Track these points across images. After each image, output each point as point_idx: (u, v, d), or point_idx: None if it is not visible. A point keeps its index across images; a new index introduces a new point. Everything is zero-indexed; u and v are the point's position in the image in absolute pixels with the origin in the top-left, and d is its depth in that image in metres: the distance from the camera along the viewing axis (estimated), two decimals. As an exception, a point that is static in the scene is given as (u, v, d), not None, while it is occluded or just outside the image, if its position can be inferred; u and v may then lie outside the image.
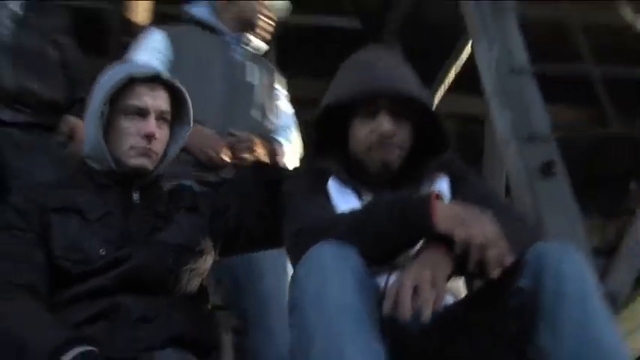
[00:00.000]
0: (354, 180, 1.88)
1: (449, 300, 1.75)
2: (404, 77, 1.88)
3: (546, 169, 2.12)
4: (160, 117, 1.99)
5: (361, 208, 1.75)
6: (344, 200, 1.86)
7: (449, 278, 1.58)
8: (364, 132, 1.85)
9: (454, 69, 3.61)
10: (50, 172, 2.40)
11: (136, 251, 1.85)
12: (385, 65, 1.88)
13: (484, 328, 1.63)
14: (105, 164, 1.95)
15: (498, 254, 1.53)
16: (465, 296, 1.78)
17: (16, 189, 2.25)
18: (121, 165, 1.95)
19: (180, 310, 1.85)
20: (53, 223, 1.87)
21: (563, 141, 2.20)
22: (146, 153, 1.96)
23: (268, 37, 2.76)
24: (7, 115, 2.51)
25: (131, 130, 1.95)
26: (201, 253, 1.98)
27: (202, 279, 2.01)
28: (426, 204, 1.61)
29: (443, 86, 4.55)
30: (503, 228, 1.63)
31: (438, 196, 1.65)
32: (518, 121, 2.20)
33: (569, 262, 1.57)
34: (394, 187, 1.86)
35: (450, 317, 1.69)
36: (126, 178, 1.96)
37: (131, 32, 4.38)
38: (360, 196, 1.87)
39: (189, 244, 1.95)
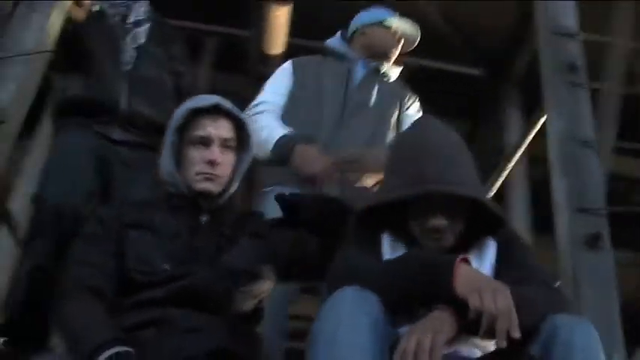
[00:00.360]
0: (410, 241, 1.97)
1: (476, 354, 1.87)
2: (456, 171, 1.90)
3: (592, 242, 2.17)
4: (224, 144, 2.19)
5: (392, 259, 1.88)
6: (394, 253, 1.99)
7: (457, 338, 1.69)
8: (417, 228, 1.93)
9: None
10: (147, 189, 2.63)
11: (196, 269, 2.04)
12: (436, 157, 1.89)
13: None
14: (178, 188, 2.18)
15: (506, 327, 1.62)
16: (486, 355, 1.87)
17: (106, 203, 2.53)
18: (190, 189, 2.17)
19: (227, 327, 1.99)
20: (129, 237, 2.09)
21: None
22: (210, 178, 2.15)
23: (400, 62, 2.98)
24: (117, 134, 2.80)
25: (196, 158, 2.17)
26: (258, 277, 2.13)
27: (258, 301, 2.16)
28: (449, 266, 1.73)
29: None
30: (530, 295, 1.75)
31: (464, 260, 1.76)
32: (573, 191, 2.26)
33: (580, 334, 1.68)
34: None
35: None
36: (196, 201, 2.18)
37: (267, 62, 4.71)
38: None
39: (248, 268, 2.10)
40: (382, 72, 2.96)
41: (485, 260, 1.99)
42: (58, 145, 2.76)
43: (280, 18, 4.54)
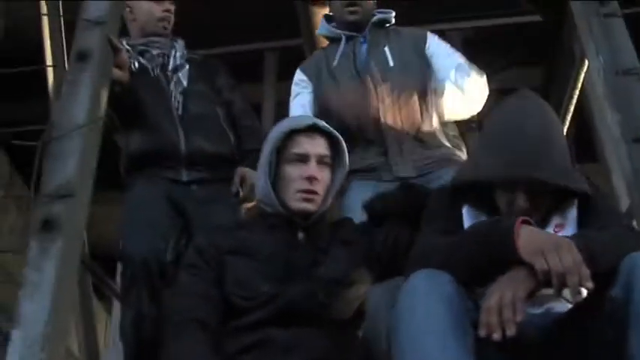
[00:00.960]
0: (492, 208, 2.03)
1: (565, 307, 1.90)
2: (550, 156, 1.94)
3: (654, 170, 2.15)
4: (321, 161, 2.27)
5: (458, 236, 1.94)
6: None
7: (533, 293, 1.73)
8: (503, 203, 1.99)
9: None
10: (226, 218, 2.77)
11: (292, 286, 2.12)
12: (532, 140, 1.93)
13: (582, 335, 1.78)
14: (274, 207, 2.27)
15: (576, 281, 1.67)
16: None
17: (198, 232, 2.67)
18: (287, 208, 2.25)
19: (326, 338, 2.08)
20: (227, 263, 2.19)
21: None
22: (309, 197, 2.23)
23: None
24: (185, 175, 2.97)
25: (294, 174, 2.24)
26: (353, 284, 2.19)
27: (358, 305, 2.21)
28: (510, 232, 1.77)
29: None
30: (603, 240, 1.77)
31: (525, 222, 1.80)
32: (626, 123, 2.23)
33: None
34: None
35: (557, 325, 1.85)
36: (292, 219, 2.26)
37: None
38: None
39: (342, 277, 2.17)
40: (376, 31, 3.03)
41: (568, 215, 2.02)
42: (131, 200, 2.94)
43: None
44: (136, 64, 3.07)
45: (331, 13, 3.22)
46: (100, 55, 2.45)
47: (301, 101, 3.03)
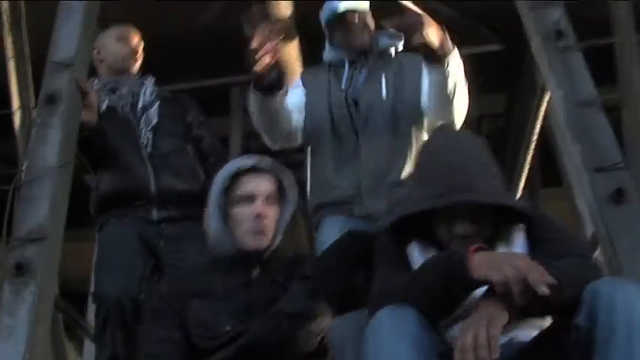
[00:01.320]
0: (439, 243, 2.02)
1: (532, 335, 1.94)
2: (481, 178, 1.95)
3: (617, 197, 2.21)
4: (267, 199, 2.27)
5: (415, 271, 1.97)
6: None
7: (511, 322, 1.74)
8: (443, 232, 1.98)
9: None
10: (195, 258, 2.76)
11: (255, 323, 2.13)
12: (461, 166, 1.94)
13: None
14: (227, 249, 2.30)
15: (537, 277, 1.67)
16: (538, 335, 1.94)
17: (167, 273, 2.68)
18: (240, 248, 2.28)
19: None
20: (189, 306, 2.19)
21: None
22: (258, 232, 2.24)
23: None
24: (154, 214, 2.97)
25: (243, 214, 2.25)
26: (314, 317, 2.19)
27: (321, 338, 2.22)
28: (464, 259, 1.79)
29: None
30: (566, 268, 1.81)
31: (478, 249, 1.83)
32: (587, 152, 2.30)
33: (620, 296, 1.72)
34: None
35: (522, 354, 1.88)
36: (246, 258, 2.28)
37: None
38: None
39: (302, 311, 2.17)
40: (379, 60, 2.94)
41: (514, 243, 2.04)
42: (103, 241, 2.94)
43: (291, 53, 4.67)
44: (105, 104, 3.08)
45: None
46: (68, 97, 2.47)
47: (293, 99, 2.92)
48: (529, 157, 4.64)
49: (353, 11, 2.97)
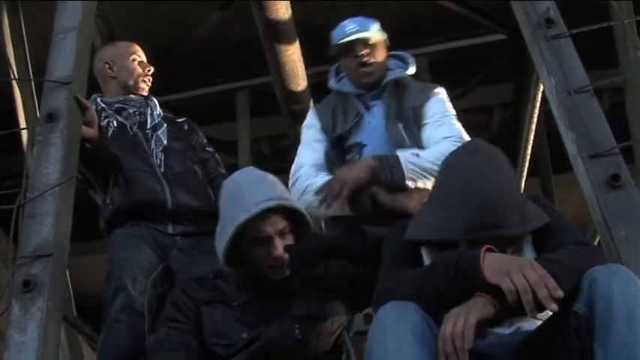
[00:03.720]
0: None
1: (533, 325, 1.98)
2: (505, 212, 2.01)
3: (613, 183, 2.23)
4: (281, 234, 2.26)
5: (424, 268, 2.02)
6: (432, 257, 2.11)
7: (500, 320, 1.83)
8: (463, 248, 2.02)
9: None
10: (205, 269, 2.78)
11: (268, 328, 2.18)
12: (491, 202, 1.99)
13: (551, 351, 1.86)
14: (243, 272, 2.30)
15: (546, 294, 1.75)
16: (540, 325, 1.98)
17: (176, 286, 2.73)
18: (260, 275, 2.28)
19: None
20: (203, 313, 2.25)
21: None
22: (278, 270, 2.27)
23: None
24: (170, 228, 3.02)
25: (261, 254, 2.26)
26: (326, 318, 2.26)
27: (335, 337, 2.29)
28: (476, 260, 1.85)
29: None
30: (563, 258, 1.86)
31: (489, 250, 1.88)
32: (581, 139, 2.32)
33: (618, 283, 1.78)
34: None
35: (526, 342, 1.93)
36: (263, 280, 2.30)
37: (296, 99, 4.90)
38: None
39: (315, 313, 2.24)
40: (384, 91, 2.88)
41: (523, 243, 2.10)
42: (116, 236, 3.00)
43: (293, 55, 4.71)
44: (115, 123, 3.15)
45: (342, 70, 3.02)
46: (67, 114, 2.52)
47: (313, 158, 2.87)
48: (530, 145, 4.64)
49: (364, 41, 2.88)
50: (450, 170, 2.14)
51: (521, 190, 4.21)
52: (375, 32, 2.92)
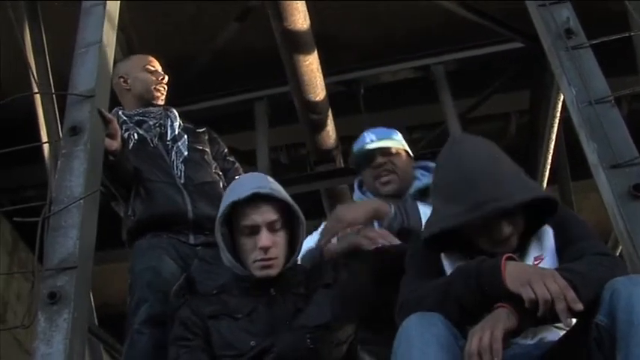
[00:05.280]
0: (470, 250, 2.10)
1: (557, 335, 1.99)
2: (499, 183, 2.03)
3: (635, 193, 2.23)
4: (271, 228, 2.33)
5: (446, 278, 2.03)
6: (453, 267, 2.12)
7: (520, 330, 1.83)
8: (485, 242, 2.06)
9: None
10: (224, 279, 2.84)
11: (280, 339, 2.20)
12: (482, 175, 2.02)
13: None
14: (242, 271, 2.37)
15: (564, 306, 1.76)
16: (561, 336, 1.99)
17: (184, 304, 2.74)
18: (253, 275, 2.34)
19: None
20: (211, 327, 2.28)
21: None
22: (266, 264, 2.31)
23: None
24: (191, 239, 3.05)
25: (249, 246, 2.33)
26: (339, 326, 2.26)
27: (348, 345, 2.30)
28: (497, 268, 1.87)
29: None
30: (585, 269, 1.87)
31: (509, 258, 1.90)
32: (602, 150, 2.33)
33: (638, 295, 1.76)
34: None
35: (549, 354, 1.94)
36: (261, 281, 2.34)
37: (314, 108, 4.93)
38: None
39: (326, 322, 2.24)
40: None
41: (545, 246, 2.11)
42: (140, 253, 3.03)
43: (312, 65, 4.73)
44: (136, 135, 3.18)
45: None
46: (91, 127, 2.55)
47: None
48: (550, 151, 4.63)
49: (383, 151, 2.81)
50: (438, 166, 2.19)
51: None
52: (395, 141, 2.86)
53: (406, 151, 2.88)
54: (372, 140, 2.84)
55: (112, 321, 4.07)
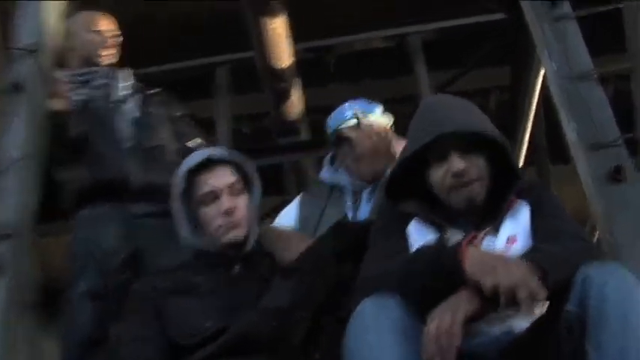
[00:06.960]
0: (440, 218, 2.14)
1: (525, 325, 2.01)
2: (465, 115, 2.14)
3: (614, 175, 2.24)
4: (231, 191, 2.35)
5: (408, 257, 2.03)
6: (424, 241, 2.13)
7: (480, 315, 1.84)
8: (440, 174, 2.12)
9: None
10: (176, 255, 2.73)
11: (239, 320, 2.20)
12: (446, 108, 2.15)
13: (542, 350, 1.88)
14: (203, 247, 2.35)
15: (526, 294, 1.76)
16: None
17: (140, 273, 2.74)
18: (217, 245, 2.34)
19: None
20: (168, 304, 2.27)
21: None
22: (232, 225, 2.32)
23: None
24: (138, 208, 3.01)
25: (211, 214, 2.33)
26: (299, 309, 2.23)
27: (308, 331, 2.25)
28: (456, 253, 1.88)
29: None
30: (557, 252, 1.88)
31: (470, 243, 1.90)
32: (583, 128, 2.33)
33: (612, 282, 1.79)
34: (478, 220, 2.12)
35: (517, 342, 1.95)
36: (225, 254, 2.34)
37: (279, 76, 4.89)
38: (444, 234, 2.12)
39: (289, 305, 2.23)
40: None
41: (520, 221, 2.12)
42: (83, 222, 2.98)
43: (278, 29, 4.68)
44: (78, 96, 3.10)
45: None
46: (34, 85, 2.50)
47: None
48: (527, 132, 4.64)
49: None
50: (414, 117, 2.23)
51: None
52: (376, 117, 2.77)
53: (389, 127, 2.80)
54: (351, 115, 2.75)
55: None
